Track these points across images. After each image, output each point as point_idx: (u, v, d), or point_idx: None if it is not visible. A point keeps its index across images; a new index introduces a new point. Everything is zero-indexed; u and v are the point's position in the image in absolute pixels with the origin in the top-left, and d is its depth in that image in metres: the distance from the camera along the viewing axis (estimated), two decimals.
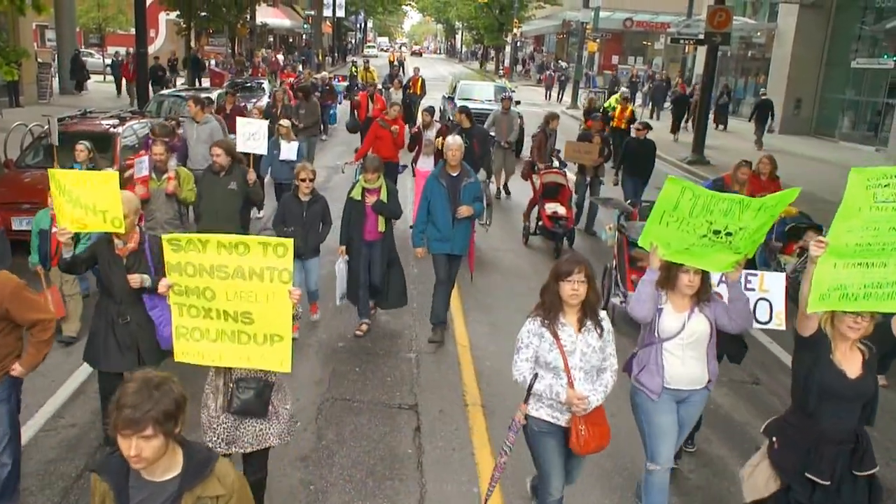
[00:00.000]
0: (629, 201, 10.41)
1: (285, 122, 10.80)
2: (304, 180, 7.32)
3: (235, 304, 4.05)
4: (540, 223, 10.97)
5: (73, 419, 5.89)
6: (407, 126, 15.02)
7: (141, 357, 5.10)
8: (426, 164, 11.09)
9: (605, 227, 9.13)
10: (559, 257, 9.97)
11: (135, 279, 4.95)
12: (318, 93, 19.77)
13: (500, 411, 6.26)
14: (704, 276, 4.42)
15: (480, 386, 6.79)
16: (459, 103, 18.70)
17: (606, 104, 18.19)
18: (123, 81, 27.16)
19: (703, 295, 4.45)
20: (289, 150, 10.43)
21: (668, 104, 28.81)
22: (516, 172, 14.30)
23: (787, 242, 8.79)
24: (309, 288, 7.58)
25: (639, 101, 31.00)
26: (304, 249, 7.14)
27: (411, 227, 10.34)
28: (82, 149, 8.19)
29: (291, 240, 3.99)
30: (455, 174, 7.33)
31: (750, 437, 6.05)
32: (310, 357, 7.14)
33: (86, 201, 4.81)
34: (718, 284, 4.74)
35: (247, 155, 8.58)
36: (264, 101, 18.66)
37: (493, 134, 14.02)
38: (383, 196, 7.29)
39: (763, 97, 23.78)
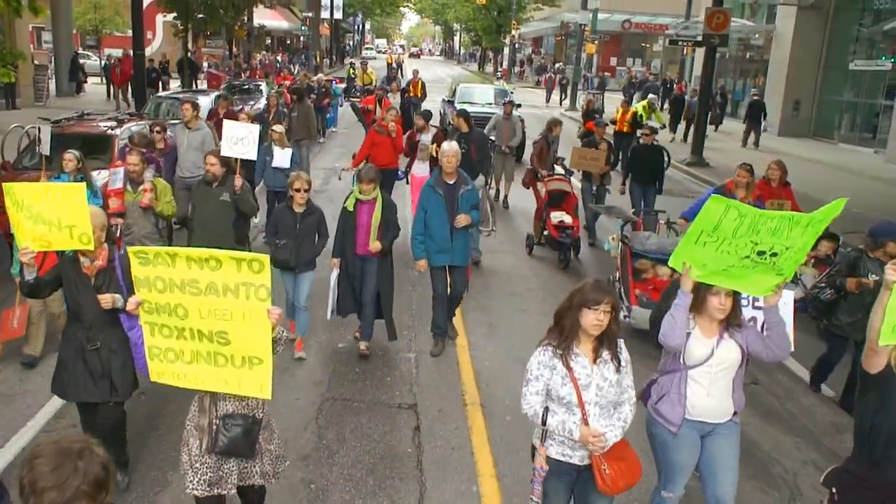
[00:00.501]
0: (633, 210, 10.03)
1: (278, 128, 10.44)
2: (298, 191, 6.85)
3: (210, 322, 3.78)
4: (545, 233, 10.57)
5: (73, 420, 5.80)
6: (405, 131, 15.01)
7: (114, 386, 4.79)
8: (421, 169, 10.90)
9: (608, 237, 8.90)
10: (567, 268, 10.12)
11: (106, 299, 4.59)
12: (313, 95, 19.70)
13: (499, 411, 6.32)
14: (736, 298, 4.10)
15: (479, 385, 6.80)
16: (459, 107, 18.63)
17: (633, 109, 17.63)
18: (112, 85, 26.96)
19: (733, 319, 4.12)
20: (282, 156, 10.09)
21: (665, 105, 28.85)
22: (516, 179, 13.73)
23: None
24: (297, 302, 7.13)
25: (637, 102, 30.96)
26: (296, 262, 6.83)
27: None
28: (71, 158, 7.59)
29: (267, 256, 3.68)
30: (452, 182, 7.06)
31: (748, 437, 6.01)
32: (310, 357, 7.14)
33: (49, 216, 4.43)
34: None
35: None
36: (262, 103, 18.42)
37: (493, 139, 13.67)
38: (379, 209, 6.88)
39: (755, 98, 23.96)
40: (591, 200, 11.62)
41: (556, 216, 10.40)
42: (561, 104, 35.08)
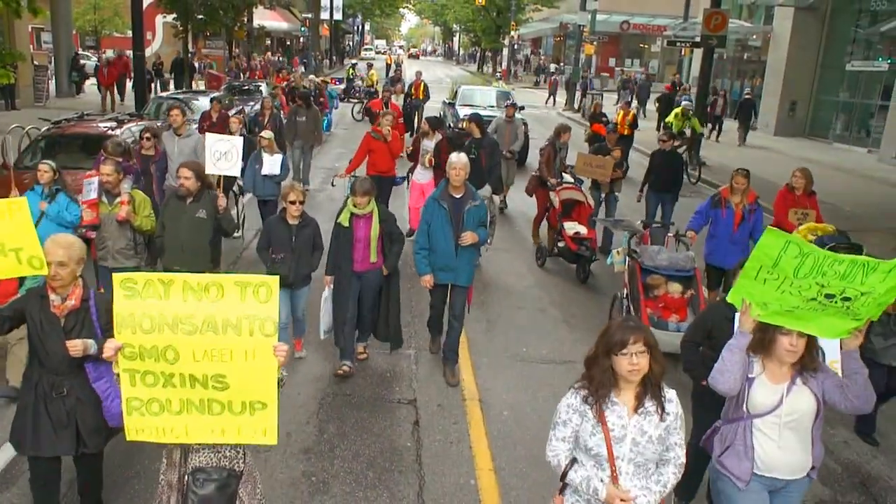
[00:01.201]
0: (640, 222, 9.40)
1: (266, 134, 10.01)
2: (293, 203, 6.47)
3: (205, 366, 3.27)
4: (561, 244, 9.98)
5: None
6: (408, 134, 15.01)
7: (81, 438, 4.21)
8: (423, 176, 10.61)
9: (613, 250, 8.51)
10: (586, 281, 9.71)
11: (76, 346, 3.96)
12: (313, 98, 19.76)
13: (497, 406, 6.44)
14: (810, 339, 3.58)
15: (477, 381, 6.89)
16: (460, 109, 18.54)
17: (667, 120, 17.08)
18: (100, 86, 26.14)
19: (808, 363, 3.62)
20: (272, 163, 9.73)
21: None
22: (516, 183, 13.79)
23: None
24: (295, 315, 6.88)
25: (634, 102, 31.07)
26: (294, 279, 6.51)
27: (408, 233, 9.85)
28: (46, 169, 6.90)
29: (276, 278, 3.26)
30: (458, 196, 6.51)
31: None
32: (310, 354, 7.20)
33: None
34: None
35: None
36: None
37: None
38: (376, 222, 6.50)
39: (746, 97, 24.76)
40: (599, 209, 11.16)
41: (571, 227, 9.86)
42: (567, 107, 34.85)
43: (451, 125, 16.64)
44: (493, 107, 18.85)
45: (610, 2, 42.46)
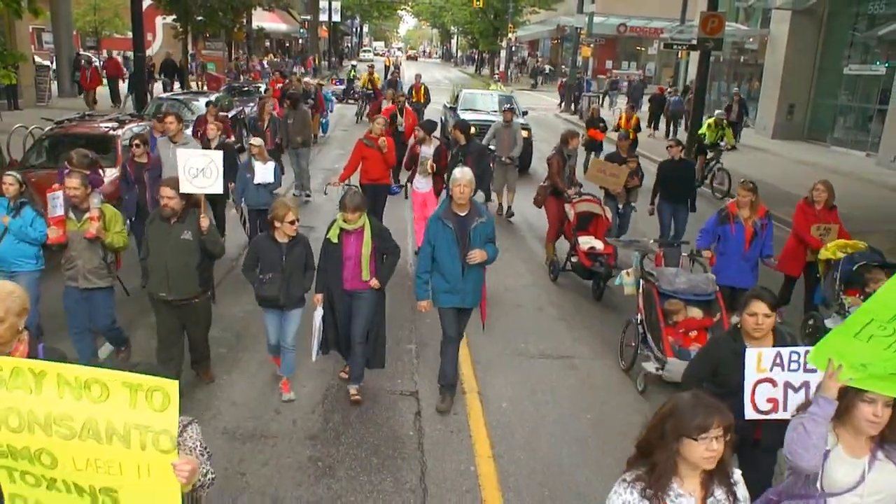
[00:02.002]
0: (653, 240, 8.72)
1: (257, 141, 9.66)
2: (284, 221, 6.06)
3: (90, 476, 2.69)
4: (574, 259, 9.46)
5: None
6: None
7: None
8: (423, 184, 10.34)
9: (622, 272, 7.89)
10: (600, 298, 9.22)
11: None
12: (310, 100, 19.36)
13: (496, 398, 6.67)
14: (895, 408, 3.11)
15: (477, 375, 7.08)
16: (462, 114, 17.95)
17: (700, 132, 16.60)
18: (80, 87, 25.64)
19: (889, 435, 3.15)
20: (264, 171, 9.39)
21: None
22: (519, 191, 13.42)
23: (855, 283, 7.47)
24: (285, 343, 6.39)
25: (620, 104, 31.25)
26: (284, 300, 6.14)
27: (416, 252, 9.94)
28: (11, 181, 6.45)
29: (175, 382, 2.64)
30: (463, 213, 6.15)
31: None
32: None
33: None
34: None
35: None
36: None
37: (493, 148, 12.97)
38: (368, 237, 6.15)
39: (738, 98, 25.29)
40: (615, 222, 10.42)
41: (586, 241, 9.36)
42: (576, 112, 34.60)
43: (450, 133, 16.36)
44: (495, 111, 18.22)
45: (607, 4, 42.70)
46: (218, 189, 6.17)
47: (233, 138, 13.49)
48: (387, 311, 6.76)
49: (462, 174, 6.10)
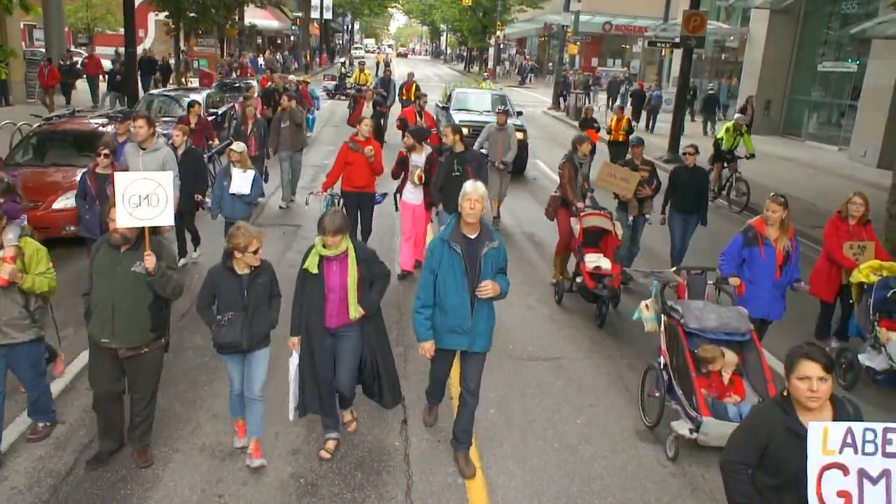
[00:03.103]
0: (675, 268, 7.60)
1: (238, 147, 8.71)
2: (255, 252, 5.07)
3: None
4: (579, 280, 8.52)
5: (62, 416, 5.84)
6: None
7: None
8: (414, 194, 9.41)
9: (640, 305, 6.68)
10: (602, 325, 8.31)
11: None
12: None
13: (483, 404, 6.24)
14: None
15: None
16: (455, 114, 17.49)
17: (719, 136, 15.62)
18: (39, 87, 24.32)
19: None
20: (242, 181, 8.52)
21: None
22: (510, 195, 12.84)
23: (892, 311, 6.77)
24: (251, 393, 5.34)
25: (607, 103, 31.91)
26: (248, 343, 5.14)
27: (399, 276, 9.35)
28: None
29: None
30: (473, 236, 5.15)
31: None
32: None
33: None
34: None
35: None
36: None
37: (485, 151, 11.96)
38: (353, 264, 5.22)
39: (710, 93, 27.11)
40: (627, 234, 9.42)
41: (592, 260, 8.43)
42: (552, 105, 35.17)
43: (443, 138, 15.63)
44: (488, 111, 17.53)
45: (593, 3, 43.17)
46: (166, 220, 4.99)
47: (216, 141, 12.72)
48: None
49: (474, 188, 5.07)
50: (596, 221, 8.74)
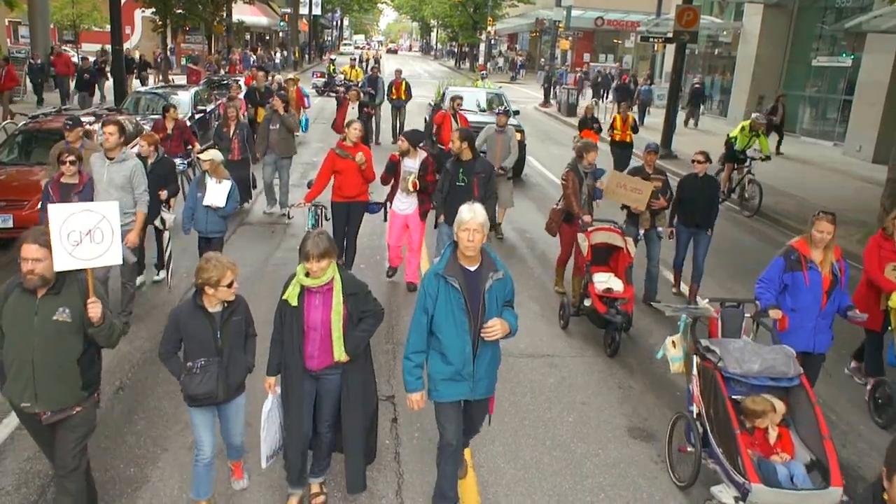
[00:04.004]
0: (707, 300, 6.10)
1: (208, 155, 8.02)
2: (229, 286, 4.43)
3: None
4: (588, 303, 7.73)
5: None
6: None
7: None
8: (405, 203, 8.68)
9: (666, 342, 5.85)
10: (614, 354, 7.51)
11: None
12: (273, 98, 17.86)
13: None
14: None
15: None
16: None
17: (732, 135, 14.82)
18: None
19: None
20: (216, 192, 7.84)
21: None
22: (515, 205, 12.13)
23: None
24: (231, 442, 4.87)
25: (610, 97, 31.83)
26: (225, 394, 4.53)
27: (388, 273, 9.13)
28: None
29: None
30: (473, 268, 4.43)
31: None
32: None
33: None
34: None
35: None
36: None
37: (481, 155, 10.46)
38: (339, 297, 4.51)
39: (696, 86, 27.46)
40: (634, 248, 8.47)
41: (601, 281, 7.74)
42: (544, 102, 35.05)
43: (436, 140, 14.73)
44: (484, 111, 16.85)
45: None
46: (113, 259, 4.21)
47: (196, 146, 11.71)
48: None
49: (473, 213, 4.34)
50: (605, 237, 8.03)
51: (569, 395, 6.73)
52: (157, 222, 8.29)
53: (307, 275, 4.46)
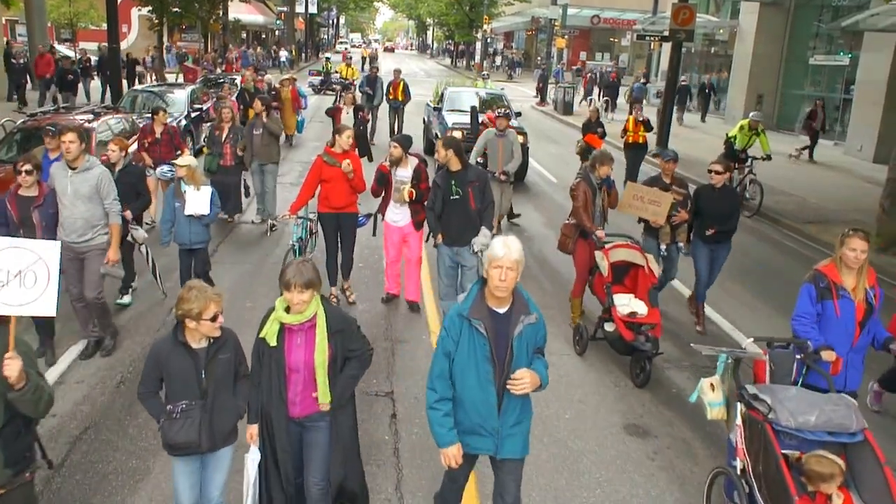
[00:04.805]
0: (753, 339, 5.57)
1: (184, 161, 7.50)
2: (213, 319, 3.87)
3: None
4: (610, 328, 7.13)
5: (53, 409, 5.71)
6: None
7: None
8: (399, 214, 8.02)
9: (701, 384, 5.11)
10: (644, 385, 6.89)
11: None
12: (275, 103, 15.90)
13: None
14: None
15: None
16: (448, 116, 15.96)
17: (731, 134, 14.55)
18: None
19: None
20: (197, 200, 7.37)
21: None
22: (516, 208, 11.81)
23: None
24: (207, 496, 4.19)
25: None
26: (209, 443, 4.00)
27: (384, 299, 8.42)
28: None
29: None
30: (503, 310, 3.85)
31: (712, 420, 6.34)
32: None
33: None
34: None
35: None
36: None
37: (480, 161, 10.82)
38: (322, 335, 3.98)
39: (682, 83, 27.30)
40: (658, 266, 7.74)
41: (624, 303, 7.11)
42: (539, 101, 34.93)
43: (438, 136, 14.30)
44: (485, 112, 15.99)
45: None
46: (45, 310, 3.52)
47: (186, 152, 10.71)
48: (362, 305, 5.62)
49: (507, 249, 3.72)
50: (624, 255, 7.35)
51: (566, 392, 6.74)
52: (129, 239, 7.67)
53: (287, 310, 3.97)
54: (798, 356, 5.02)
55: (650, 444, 5.97)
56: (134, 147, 10.82)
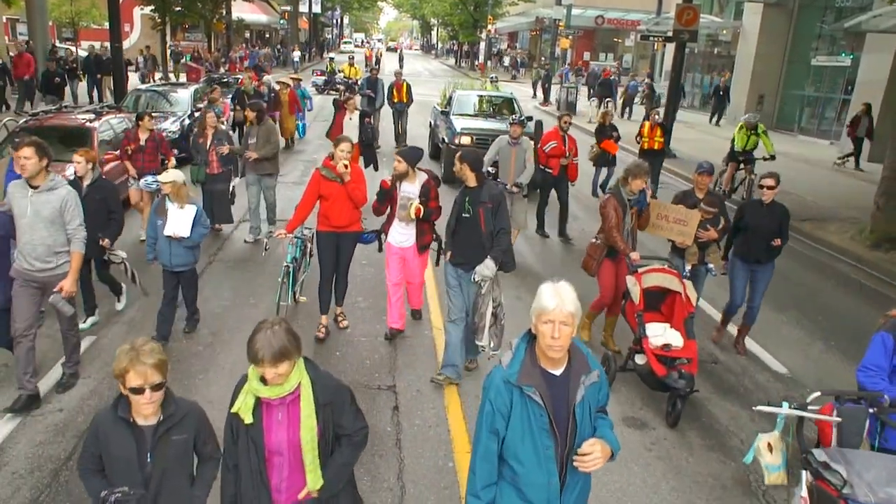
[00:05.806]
0: (819, 393, 4.59)
1: (170, 177, 6.73)
2: (150, 388, 3.12)
3: None
4: (641, 360, 6.47)
5: (60, 404, 5.97)
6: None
7: None
8: (403, 235, 7.18)
9: (757, 442, 4.71)
10: (675, 425, 6.18)
11: None
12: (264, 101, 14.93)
13: (474, 391, 6.41)
14: None
15: None
16: (456, 120, 15.05)
17: (734, 135, 14.44)
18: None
19: None
20: (179, 219, 6.68)
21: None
22: (530, 228, 11.08)
23: None
24: None
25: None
26: None
27: (387, 336, 7.58)
28: None
29: None
30: (559, 371, 3.14)
31: (707, 411, 6.50)
32: None
33: None
34: None
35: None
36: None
37: (491, 170, 10.07)
38: (310, 410, 3.22)
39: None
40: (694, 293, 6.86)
41: (657, 334, 6.37)
42: (543, 101, 34.76)
43: (445, 140, 13.96)
44: (494, 117, 15.67)
45: None
46: None
47: (172, 161, 10.16)
48: (365, 301, 5.65)
49: (559, 299, 3.06)
50: (659, 280, 6.58)
51: None
52: (109, 256, 7.16)
53: (263, 380, 3.18)
54: (871, 410, 4.31)
55: (648, 435, 6.05)
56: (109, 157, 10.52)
